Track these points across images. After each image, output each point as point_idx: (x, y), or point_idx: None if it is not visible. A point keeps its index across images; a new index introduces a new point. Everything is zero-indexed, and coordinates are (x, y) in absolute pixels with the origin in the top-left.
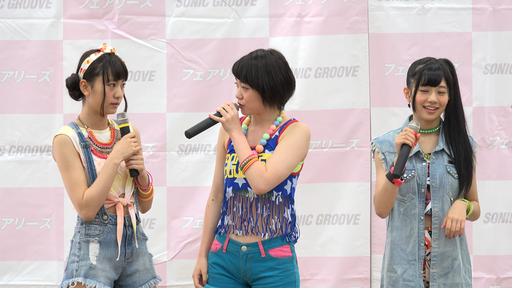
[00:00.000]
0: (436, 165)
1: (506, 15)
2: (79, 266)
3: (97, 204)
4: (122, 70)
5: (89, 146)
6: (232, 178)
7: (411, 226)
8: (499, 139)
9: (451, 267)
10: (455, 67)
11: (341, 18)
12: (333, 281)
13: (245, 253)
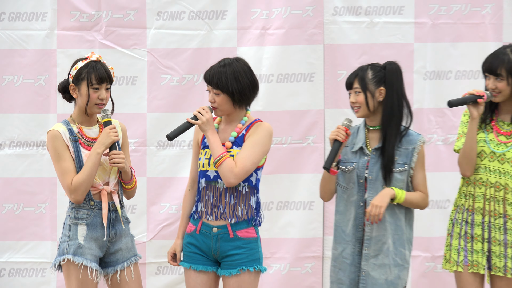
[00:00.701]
0: (376, 160)
1: (444, 28)
2: (69, 245)
3: (84, 188)
4: (105, 75)
5: (77, 140)
6: (204, 170)
7: (351, 211)
8: (436, 136)
9: (381, 250)
10: (402, 74)
11: (300, 30)
12: (290, 259)
13: (216, 234)
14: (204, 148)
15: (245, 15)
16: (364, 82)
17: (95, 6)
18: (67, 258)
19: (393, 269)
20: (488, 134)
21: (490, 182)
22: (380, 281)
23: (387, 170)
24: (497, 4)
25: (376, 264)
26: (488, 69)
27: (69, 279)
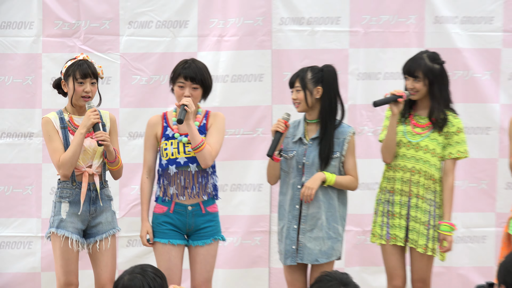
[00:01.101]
0: (312, 148)
1: (374, 36)
2: (53, 220)
3: (69, 164)
4: (88, 71)
5: (67, 127)
6: (174, 158)
7: (290, 192)
8: (367, 128)
9: (316, 225)
10: (337, 75)
11: (251, 37)
12: (242, 233)
13: (190, 211)
14: (168, 139)
15: (204, 24)
16: (304, 82)
17: (75, 16)
18: (51, 231)
19: (327, 241)
20: (406, 126)
21: (407, 167)
22: (315, 251)
23: (325, 157)
24: (420, 15)
25: (311, 237)
26: (407, 71)
27: (54, 249)
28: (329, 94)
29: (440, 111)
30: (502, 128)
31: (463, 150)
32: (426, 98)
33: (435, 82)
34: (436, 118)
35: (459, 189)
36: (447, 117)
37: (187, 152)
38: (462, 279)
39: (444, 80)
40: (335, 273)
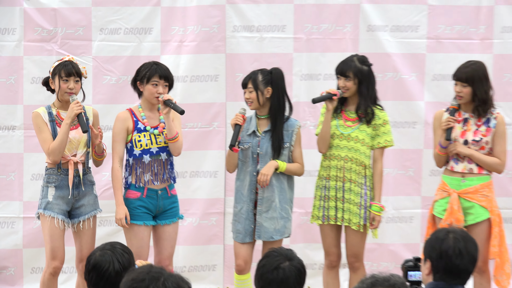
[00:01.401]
0: (264, 140)
1: (315, 42)
2: (41, 202)
3: (58, 151)
4: (72, 71)
5: (54, 120)
6: (148, 148)
7: (247, 179)
8: (309, 123)
9: (270, 206)
10: (284, 76)
11: (208, 43)
12: (199, 214)
13: (160, 195)
14: (140, 132)
15: (166, 31)
16: (255, 83)
17: (53, 23)
18: (39, 212)
19: (280, 221)
20: (339, 121)
21: (341, 156)
22: (270, 230)
23: (277, 147)
24: (355, 24)
25: (267, 217)
26: (340, 72)
27: (43, 228)
28: (277, 94)
29: (367, 106)
30: (427, 123)
31: (389, 140)
32: (355, 96)
33: (364, 81)
34: (363, 112)
35: (390, 176)
36: (374, 111)
37: (158, 143)
38: (393, 255)
39: (371, 80)
40: (281, 249)
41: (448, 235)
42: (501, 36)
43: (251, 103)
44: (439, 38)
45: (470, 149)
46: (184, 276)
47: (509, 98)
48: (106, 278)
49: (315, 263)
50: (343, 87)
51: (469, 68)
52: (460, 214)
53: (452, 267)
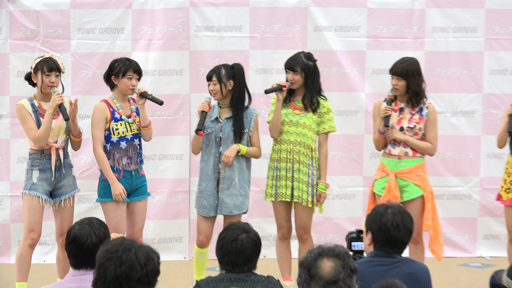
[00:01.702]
0: (226, 126)
1: (269, 40)
2: (26, 184)
3: (43, 138)
4: (53, 66)
5: (37, 111)
6: (124, 136)
7: (211, 160)
8: (263, 111)
9: (231, 184)
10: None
11: (173, 41)
12: (167, 192)
13: (133, 175)
14: (117, 121)
15: (137, 31)
16: (219, 76)
17: (35, 24)
18: (25, 192)
19: (239, 197)
20: (288, 109)
21: (290, 140)
22: (230, 205)
23: (239, 132)
24: (303, 25)
25: (228, 194)
26: (288, 67)
27: (24, 205)
28: (238, 86)
29: (312, 97)
30: (367, 111)
31: (333, 126)
32: (302, 87)
33: (309, 75)
34: (309, 102)
35: (335, 158)
36: (319, 101)
37: (132, 130)
38: (338, 227)
39: (316, 73)
40: (238, 223)
41: (387, 210)
42: (431, 36)
43: (215, 94)
44: (377, 37)
45: (405, 135)
46: (153, 247)
47: (439, 89)
48: (84, 250)
49: (269, 235)
50: (291, 80)
51: (404, 63)
52: (397, 192)
53: (390, 238)
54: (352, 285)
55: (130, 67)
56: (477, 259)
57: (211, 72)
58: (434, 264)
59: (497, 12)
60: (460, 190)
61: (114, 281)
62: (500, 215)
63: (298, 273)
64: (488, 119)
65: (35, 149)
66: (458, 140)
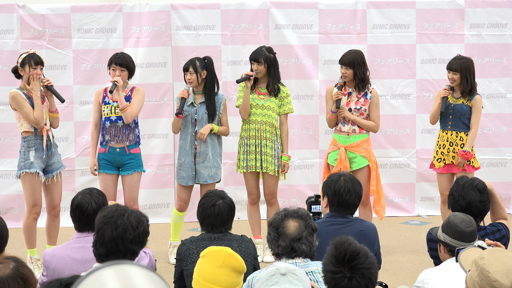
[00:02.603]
0: (200, 109)
1: (237, 37)
2: (25, 163)
3: (41, 118)
4: (38, 60)
5: (30, 97)
6: (109, 117)
7: (188, 138)
8: (234, 97)
9: (206, 158)
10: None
11: (157, 38)
12: (156, 165)
13: (118, 152)
14: (105, 104)
15: (127, 30)
16: (195, 67)
17: (42, 25)
18: (25, 171)
19: (213, 169)
20: (254, 95)
21: (257, 121)
22: (205, 175)
23: (212, 114)
24: (266, 24)
25: (203, 166)
26: (253, 59)
27: (25, 183)
28: (210, 75)
29: (274, 84)
30: (321, 95)
31: (291, 107)
32: (265, 76)
33: (271, 65)
34: (272, 88)
35: (295, 135)
36: (280, 87)
37: (116, 113)
38: (299, 193)
39: (276, 64)
40: (215, 191)
41: (340, 178)
42: (372, 31)
43: (191, 82)
44: (328, 33)
45: (353, 115)
46: (143, 212)
47: (380, 76)
48: (86, 215)
49: (242, 201)
50: (256, 70)
51: (351, 55)
52: (347, 163)
53: (343, 202)
54: (313, 242)
55: (113, 61)
56: (416, 218)
57: (187, 64)
58: (380, 222)
59: (426, 11)
60: (400, 160)
61: (111, 242)
62: (434, 180)
63: (268, 231)
64: (421, 100)
65: (28, 132)
66: (397, 118)
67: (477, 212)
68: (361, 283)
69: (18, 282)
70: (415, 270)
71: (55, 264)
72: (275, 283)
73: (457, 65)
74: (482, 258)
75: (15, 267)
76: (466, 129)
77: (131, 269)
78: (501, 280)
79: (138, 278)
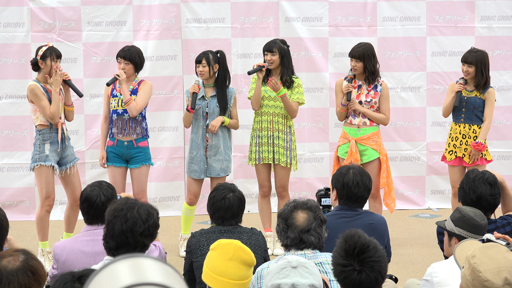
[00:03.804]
0: (211, 102)
1: (247, 30)
2: (39, 156)
3: (57, 113)
4: (59, 53)
5: (47, 91)
6: (116, 109)
7: (199, 131)
8: (244, 90)
9: (217, 151)
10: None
11: (168, 31)
12: (166, 158)
13: (126, 145)
14: (113, 97)
15: (137, 23)
16: (208, 60)
17: (52, 18)
18: (39, 164)
19: (224, 162)
20: (267, 86)
21: (270, 112)
22: (217, 169)
23: (224, 107)
24: (275, 17)
25: (215, 159)
26: (267, 49)
27: (40, 175)
28: (223, 69)
29: (288, 76)
30: (331, 88)
31: (301, 97)
32: (278, 68)
33: (285, 56)
34: (286, 80)
35: (305, 128)
36: (293, 79)
37: (123, 106)
38: (309, 186)
39: (289, 56)
40: (226, 184)
41: (349, 171)
42: (382, 24)
43: (202, 75)
44: (338, 26)
45: (364, 108)
46: (153, 204)
47: (390, 69)
48: (95, 207)
49: (252, 193)
50: (269, 60)
51: (361, 48)
52: (357, 155)
53: (352, 195)
54: (322, 233)
55: (119, 54)
56: (426, 211)
57: (200, 56)
58: (390, 215)
59: (436, 4)
60: (410, 153)
61: (121, 235)
62: (444, 173)
63: (277, 222)
64: (431, 93)
65: (44, 125)
66: (407, 111)
67: (487, 206)
68: (371, 276)
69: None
70: (425, 263)
71: (65, 257)
72: (286, 276)
73: (472, 58)
74: (474, 256)
75: (25, 259)
76: (479, 122)
77: (145, 262)
78: (492, 280)
79: (151, 271)
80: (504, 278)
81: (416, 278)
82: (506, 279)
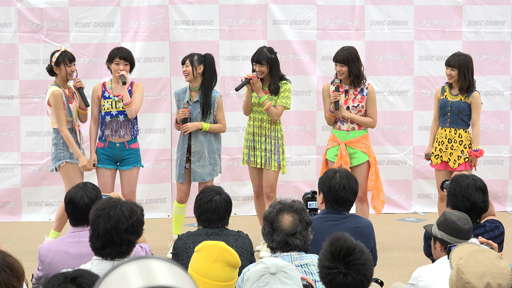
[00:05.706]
0: (194, 108)
1: (235, 32)
2: (64, 154)
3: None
4: (72, 57)
5: (66, 96)
6: (109, 111)
7: (182, 136)
8: (232, 92)
9: (201, 157)
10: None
11: (155, 33)
12: (153, 160)
13: (118, 147)
14: (105, 99)
15: (125, 24)
16: (192, 60)
17: (40, 19)
18: (65, 161)
19: (209, 166)
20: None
21: (258, 118)
22: (202, 173)
23: (207, 112)
24: (264, 19)
25: (199, 165)
26: (256, 60)
27: (68, 173)
28: (209, 71)
29: (275, 83)
30: (318, 92)
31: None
32: (267, 76)
33: (273, 66)
34: (273, 88)
35: (292, 131)
36: (280, 86)
37: (117, 107)
38: (296, 189)
39: (277, 64)
40: (212, 187)
41: (335, 174)
42: (370, 28)
43: (186, 75)
44: (325, 29)
45: (351, 113)
46: (137, 203)
47: (377, 73)
48: (79, 209)
49: (239, 196)
50: (259, 71)
51: (344, 52)
52: (347, 158)
53: (338, 198)
54: (308, 236)
55: (117, 54)
56: (412, 215)
57: (185, 57)
58: (377, 218)
59: (424, 8)
60: (397, 157)
61: (105, 234)
62: (431, 177)
63: (263, 225)
64: (418, 97)
65: None
66: (394, 115)
67: (479, 212)
68: (356, 279)
69: (5, 270)
70: (411, 267)
71: (50, 259)
72: (266, 284)
73: (455, 62)
74: (462, 258)
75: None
76: (465, 126)
77: (154, 264)
78: (473, 283)
79: (161, 273)
80: (487, 283)
81: (401, 282)
82: (488, 284)
